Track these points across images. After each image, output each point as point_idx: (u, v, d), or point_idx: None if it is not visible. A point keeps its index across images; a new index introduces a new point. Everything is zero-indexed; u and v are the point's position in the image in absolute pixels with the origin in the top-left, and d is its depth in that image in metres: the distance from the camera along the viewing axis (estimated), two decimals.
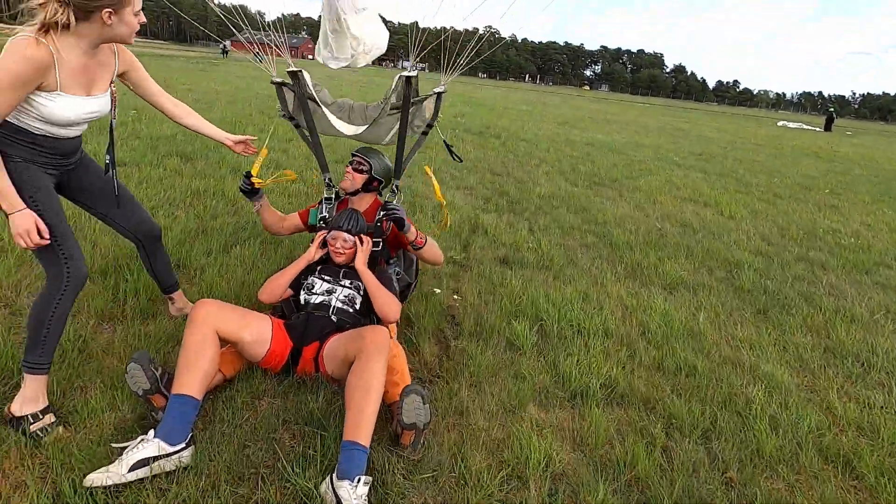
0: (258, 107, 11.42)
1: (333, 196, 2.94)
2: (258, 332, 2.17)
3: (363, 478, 1.72)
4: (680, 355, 2.87)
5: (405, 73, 2.55)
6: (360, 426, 1.80)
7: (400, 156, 2.75)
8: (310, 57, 3.45)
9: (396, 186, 2.82)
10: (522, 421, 2.25)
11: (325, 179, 3.00)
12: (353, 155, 2.84)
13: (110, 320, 2.67)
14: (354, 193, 2.84)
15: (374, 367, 1.91)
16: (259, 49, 2.71)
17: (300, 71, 2.61)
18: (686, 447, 2.18)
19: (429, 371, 2.54)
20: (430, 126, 2.82)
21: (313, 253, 2.60)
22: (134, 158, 5.71)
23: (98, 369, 2.26)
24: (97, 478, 1.65)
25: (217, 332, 2.02)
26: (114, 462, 1.71)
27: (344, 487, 1.67)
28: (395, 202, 2.72)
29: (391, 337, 2.39)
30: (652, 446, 2.17)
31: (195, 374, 1.90)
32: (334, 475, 1.73)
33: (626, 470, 2.04)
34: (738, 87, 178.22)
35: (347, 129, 2.82)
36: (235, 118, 9.47)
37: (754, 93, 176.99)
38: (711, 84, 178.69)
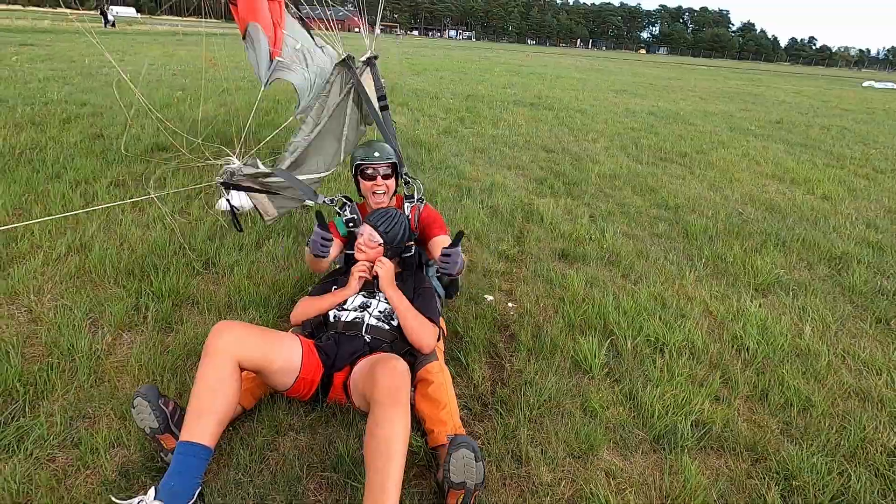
0: None
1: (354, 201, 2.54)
2: (287, 359, 1.84)
3: None
4: (789, 383, 2.33)
5: (367, 55, 2.54)
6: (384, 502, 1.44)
7: (393, 143, 2.50)
8: (356, 30, 3.17)
9: (407, 175, 2.53)
10: (595, 472, 1.83)
11: (336, 210, 2.48)
12: (365, 164, 2.42)
13: (130, 329, 2.44)
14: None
15: (393, 425, 1.52)
16: None
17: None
18: None
19: (480, 400, 2.15)
20: (383, 97, 2.63)
21: (356, 285, 2.21)
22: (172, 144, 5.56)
23: (110, 393, 2.02)
24: None
25: (239, 363, 1.71)
26: None
27: None
28: (415, 196, 2.48)
29: (437, 359, 2.02)
30: None
31: (209, 419, 1.59)
32: None
33: None
34: (815, 45, 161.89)
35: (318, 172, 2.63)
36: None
37: (833, 50, 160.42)
38: (784, 42, 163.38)
